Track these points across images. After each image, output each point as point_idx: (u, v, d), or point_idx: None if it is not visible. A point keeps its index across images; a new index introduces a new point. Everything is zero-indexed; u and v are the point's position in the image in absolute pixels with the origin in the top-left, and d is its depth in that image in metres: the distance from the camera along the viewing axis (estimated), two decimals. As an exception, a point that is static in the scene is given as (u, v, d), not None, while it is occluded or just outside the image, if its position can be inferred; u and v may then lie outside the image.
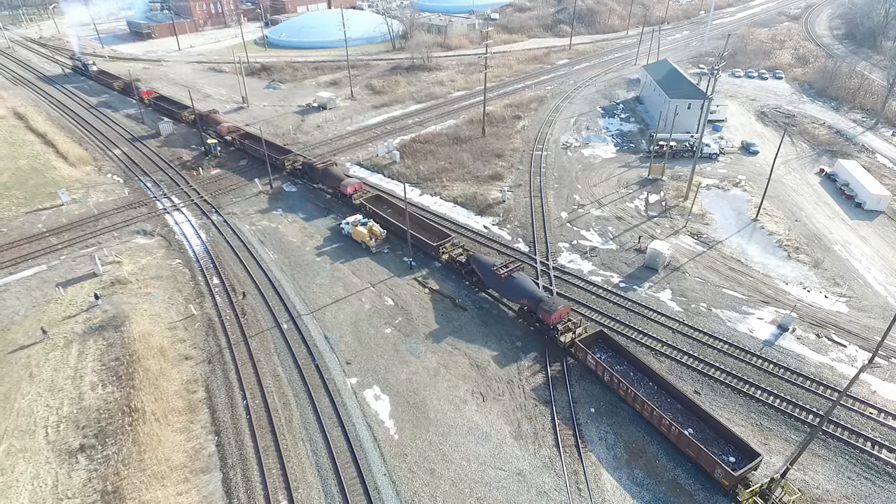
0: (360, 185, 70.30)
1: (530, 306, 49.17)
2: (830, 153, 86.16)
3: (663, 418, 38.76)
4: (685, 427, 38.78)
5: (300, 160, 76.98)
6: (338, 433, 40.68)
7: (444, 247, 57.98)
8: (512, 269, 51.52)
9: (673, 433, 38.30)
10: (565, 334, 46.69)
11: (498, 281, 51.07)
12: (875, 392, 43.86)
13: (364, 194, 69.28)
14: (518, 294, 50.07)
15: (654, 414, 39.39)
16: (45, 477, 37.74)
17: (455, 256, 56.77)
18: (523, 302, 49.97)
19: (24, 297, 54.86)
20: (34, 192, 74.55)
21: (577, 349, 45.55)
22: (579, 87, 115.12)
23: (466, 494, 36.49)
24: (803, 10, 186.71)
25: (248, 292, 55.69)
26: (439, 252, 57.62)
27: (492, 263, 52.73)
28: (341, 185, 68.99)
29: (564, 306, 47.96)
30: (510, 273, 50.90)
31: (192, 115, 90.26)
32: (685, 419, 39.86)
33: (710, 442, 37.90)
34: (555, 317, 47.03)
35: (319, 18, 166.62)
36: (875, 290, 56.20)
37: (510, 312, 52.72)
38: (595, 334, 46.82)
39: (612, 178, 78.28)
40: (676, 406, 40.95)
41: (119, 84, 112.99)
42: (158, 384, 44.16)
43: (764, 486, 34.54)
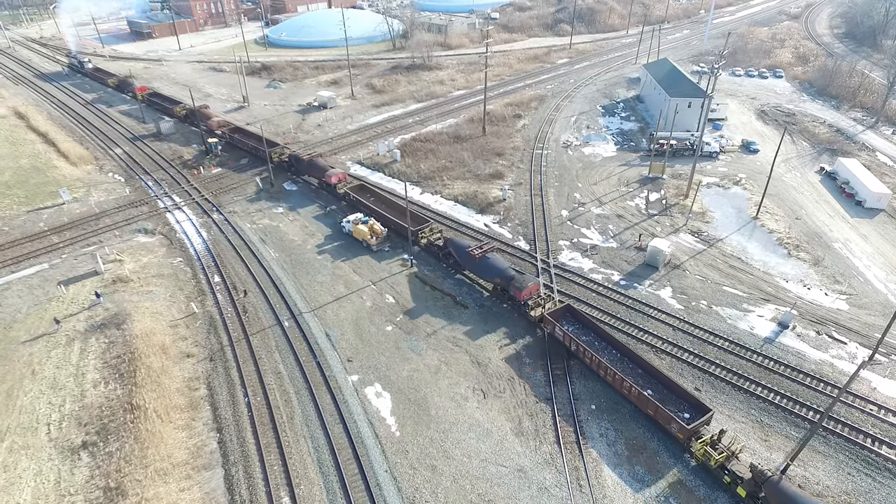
0: (344, 176, 72.70)
1: (503, 284, 51.55)
2: (831, 151, 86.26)
3: (625, 381, 41.35)
4: (645, 389, 41.19)
5: (287, 152, 78.77)
6: (339, 430, 40.79)
7: (423, 232, 60.08)
8: (485, 250, 53.72)
9: (634, 394, 40.90)
10: (535, 309, 49.32)
11: (472, 261, 53.49)
12: (875, 389, 43.96)
13: (347, 184, 71.28)
14: (491, 273, 52.49)
15: (617, 378, 42.00)
16: (48, 474, 37.87)
17: (433, 241, 59.03)
18: (496, 281, 52.30)
19: (25, 295, 54.99)
20: (35, 191, 74.69)
21: (546, 322, 47.75)
22: (580, 86, 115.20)
23: (468, 491, 36.60)
24: (803, 9, 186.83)
25: (250, 290, 55.82)
26: (419, 237, 59.75)
27: (467, 246, 54.94)
28: (326, 176, 71.49)
29: (534, 283, 50.79)
30: (484, 254, 53.23)
31: (184, 111, 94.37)
32: (646, 382, 42.32)
33: (667, 401, 40.48)
34: (525, 293, 49.85)
35: (320, 18, 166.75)
36: (875, 288, 56.29)
37: (485, 293, 54.96)
38: (563, 308, 49.18)
39: (612, 176, 78.37)
40: (637, 371, 43.50)
41: (114, 81, 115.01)
42: (160, 381, 44.28)
43: (714, 437, 37.52)
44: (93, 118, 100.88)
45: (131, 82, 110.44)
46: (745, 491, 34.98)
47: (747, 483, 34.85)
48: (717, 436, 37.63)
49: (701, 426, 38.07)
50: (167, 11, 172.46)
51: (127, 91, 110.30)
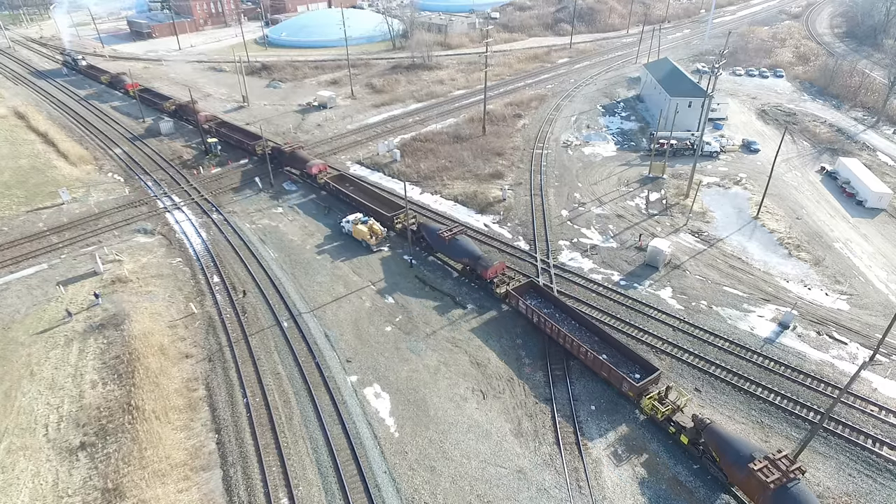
0: (325, 167, 75.29)
1: (471, 264, 54.68)
2: (831, 151, 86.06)
3: (581, 347, 44.34)
4: (601, 354, 44.06)
5: (270, 145, 79.92)
6: (338, 431, 40.66)
7: (398, 217, 63.05)
8: (455, 232, 57.17)
9: (589, 359, 43.96)
10: (501, 286, 52.42)
11: (443, 243, 56.69)
12: (876, 389, 43.79)
13: (327, 174, 73.81)
14: (460, 254, 55.62)
15: (574, 344, 44.93)
16: (46, 475, 37.77)
17: (408, 225, 61.05)
18: (465, 261, 55.38)
19: (24, 295, 54.90)
20: (35, 191, 74.61)
21: (511, 297, 50.82)
22: (580, 86, 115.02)
23: (467, 492, 36.47)
24: (804, 9, 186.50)
25: (249, 290, 55.71)
26: (394, 222, 62.73)
27: (437, 229, 58.12)
28: (307, 167, 74.11)
29: (500, 262, 54.49)
30: (453, 236, 56.54)
31: (174, 106, 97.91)
32: (601, 348, 45.58)
33: (621, 365, 43.62)
34: (491, 272, 53.13)
35: (320, 18, 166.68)
36: (876, 288, 56.12)
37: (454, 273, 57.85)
38: (526, 284, 52.50)
39: (612, 176, 78.21)
40: (594, 338, 46.83)
41: (106, 78, 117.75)
42: (159, 382, 44.18)
43: (661, 393, 40.96)
44: (93, 118, 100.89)
45: (123, 79, 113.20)
46: (687, 438, 38.10)
47: (689, 431, 37.96)
48: (663, 392, 40.93)
49: (649, 384, 41.26)
50: (167, 11, 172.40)
51: (119, 87, 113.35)
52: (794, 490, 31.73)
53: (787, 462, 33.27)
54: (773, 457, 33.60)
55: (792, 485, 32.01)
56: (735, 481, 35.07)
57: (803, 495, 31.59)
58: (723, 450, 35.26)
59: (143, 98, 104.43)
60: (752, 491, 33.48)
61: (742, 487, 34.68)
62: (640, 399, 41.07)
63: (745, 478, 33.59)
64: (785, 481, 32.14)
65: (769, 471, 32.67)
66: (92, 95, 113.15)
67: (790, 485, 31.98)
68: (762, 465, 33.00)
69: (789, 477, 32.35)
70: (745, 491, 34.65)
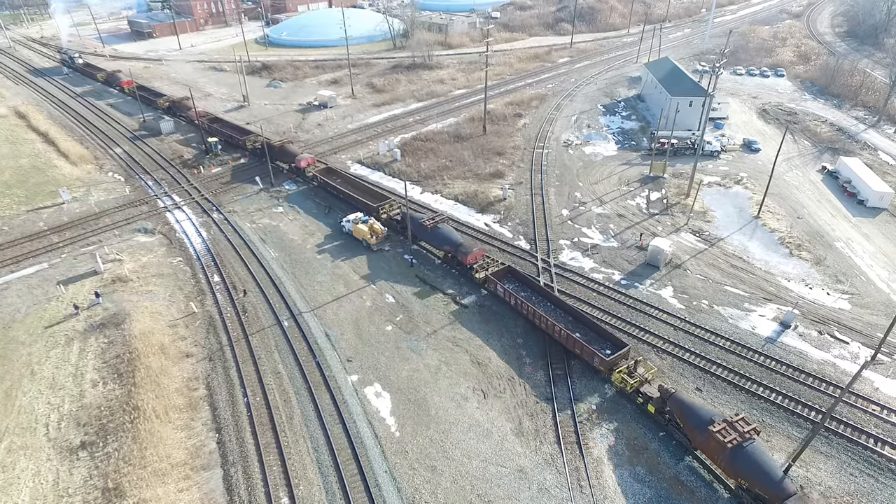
0: (313, 160, 77.43)
1: (451, 251, 56.56)
2: (832, 150, 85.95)
3: (556, 326, 46.31)
4: (574, 332, 46.13)
5: (260, 140, 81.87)
6: (339, 430, 40.61)
7: (384, 207, 64.99)
8: (437, 221, 59.28)
9: (563, 336, 45.86)
10: (480, 272, 54.17)
11: (425, 231, 58.70)
12: (878, 389, 43.71)
13: (315, 168, 76.03)
14: (441, 241, 57.67)
15: (549, 324, 46.91)
16: (47, 474, 37.75)
17: (392, 216, 63.80)
18: (446, 248, 57.25)
19: (25, 295, 54.88)
20: (35, 190, 74.60)
21: (489, 282, 53.02)
22: (580, 85, 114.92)
23: (467, 491, 36.42)
24: (805, 8, 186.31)
25: (249, 290, 55.67)
26: (379, 212, 64.40)
27: (421, 218, 60.09)
28: (296, 160, 76.24)
29: (479, 249, 56.74)
30: (435, 224, 58.63)
31: (167, 102, 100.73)
32: (575, 327, 47.66)
33: (593, 342, 45.50)
34: (470, 258, 55.09)
35: (320, 17, 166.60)
36: (878, 287, 56.02)
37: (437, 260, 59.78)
38: (504, 269, 54.59)
39: (613, 175, 78.13)
40: (568, 318, 48.95)
41: (102, 75, 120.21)
42: (159, 381, 44.14)
43: (630, 367, 42.77)
44: (92, 117, 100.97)
45: (118, 76, 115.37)
46: (654, 407, 40.35)
47: (656, 401, 40.22)
48: (632, 366, 42.92)
49: (618, 359, 43.18)
50: (168, 11, 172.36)
51: (114, 85, 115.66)
52: (749, 448, 34.43)
53: (744, 424, 35.86)
54: (730, 419, 36.13)
55: (747, 444, 34.64)
56: (697, 444, 37.49)
57: (757, 452, 34.34)
58: (686, 415, 37.64)
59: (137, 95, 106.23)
60: (712, 452, 36.05)
61: (703, 449, 37.13)
62: (610, 373, 42.97)
63: (705, 440, 36.07)
64: (741, 441, 34.71)
65: (727, 432, 35.31)
66: (88, 93, 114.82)
67: (745, 444, 34.63)
68: (721, 427, 35.57)
69: (745, 437, 34.90)
70: (705, 452, 37.09)
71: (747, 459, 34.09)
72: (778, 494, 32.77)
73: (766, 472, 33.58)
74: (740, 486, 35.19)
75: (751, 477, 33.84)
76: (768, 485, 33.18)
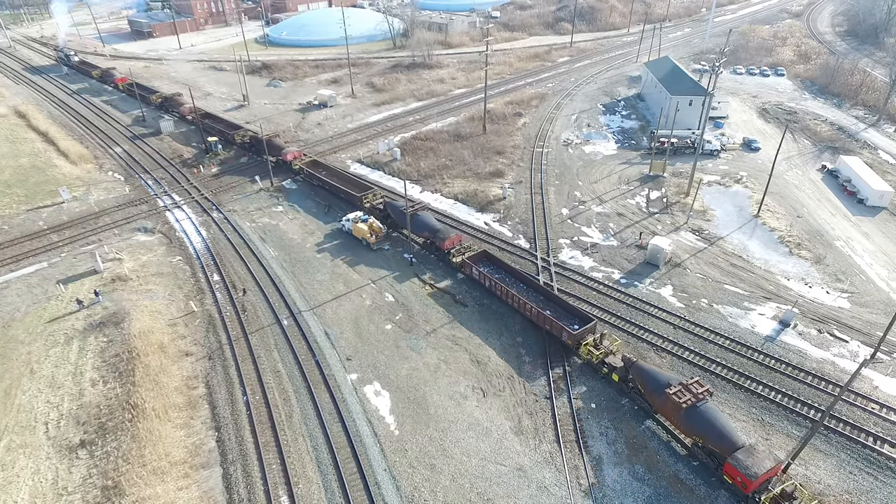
0: (299, 153, 79.57)
1: (430, 237, 58.90)
2: (832, 149, 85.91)
3: (527, 304, 48.88)
4: (545, 310, 48.49)
5: (249, 134, 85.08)
6: (338, 429, 40.61)
7: (367, 197, 67.27)
8: (416, 208, 61.66)
9: (534, 314, 48.45)
10: (457, 256, 56.31)
11: (405, 218, 60.18)
12: (877, 387, 43.67)
13: (302, 161, 77.85)
14: (421, 228, 59.90)
15: (521, 302, 49.57)
16: (46, 472, 37.76)
17: (375, 204, 66.04)
18: (425, 235, 59.62)
19: (24, 294, 54.91)
20: (35, 189, 74.63)
21: (465, 265, 55.36)
22: (580, 85, 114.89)
23: (467, 490, 36.41)
24: (805, 7, 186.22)
25: (249, 289, 55.68)
26: (362, 201, 66.80)
27: (402, 206, 61.45)
28: (282, 154, 78.42)
29: (456, 234, 59.36)
30: (415, 211, 60.86)
31: (160, 99, 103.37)
32: (545, 305, 50.09)
33: (562, 318, 47.83)
34: (447, 243, 57.39)
35: (320, 17, 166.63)
36: (877, 286, 55.99)
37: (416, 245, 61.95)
38: (480, 253, 56.87)
39: (613, 174, 78.11)
40: (539, 297, 51.41)
41: (97, 73, 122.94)
42: (159, 380, 44.15)
43: (596, 340, 45.19)
44: (88, 114, 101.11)
45: (113, 74, 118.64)
46: (618, 376, 42.81)
47: (619, 370, 42.62)
48: (598, 339, 45.23)
49: (585, 333, 45.51)
50: (168, 11, 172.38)
51: (109, 82, 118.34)
52: (703, 408, 37.07)
53: (698, 386, 38.40)
54: (686, 383, 38.64)
55: (700, 404, 37.28)
56: (656, 407, 39.96)
57: (710, 411, 36.98)
58: (645, 381, 40.18)
59: (130, 91, 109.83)
60: (669, 413, 38.46)
61: (661, 412, 39.62)
62: (578, 347, 45.23)
63: (663, 402, 38.64)
64: (695, 401, 37.22)
65: (682, 394, 37.77)
66: (84, 90, 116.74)
67: (699, 404, 37.23)
68: (676, 389, 38.10)
69: (699, 398, 37.46)
70: (664, 414, 39.48)
71: (700, 418, 36.65)
72: (728, 448, 35.31)
73: (717, 429, 36.06)
74: (696, 443, 37.85)
75: (704, 434, 36.38)
76: (719, 440, 35.74)
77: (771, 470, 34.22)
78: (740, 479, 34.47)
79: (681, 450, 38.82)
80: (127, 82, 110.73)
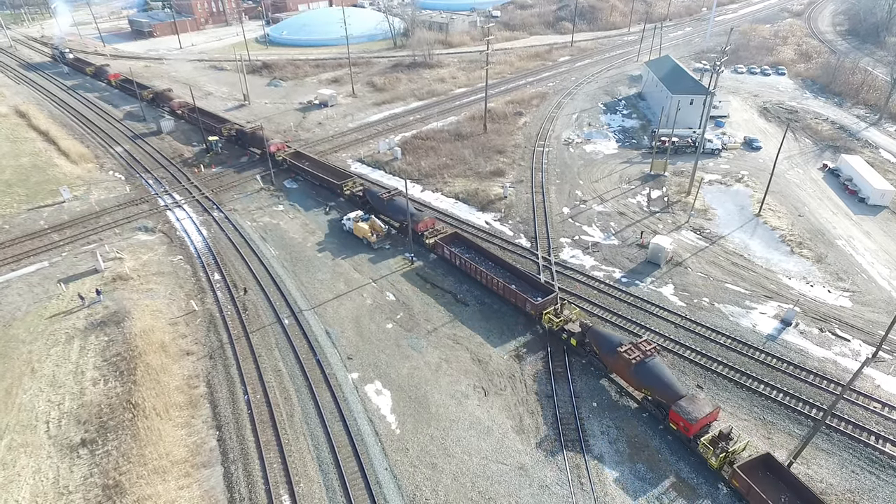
0: (283, 145, 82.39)
1: (405, 221, 60.86)
2: (834, 149, 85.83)
3: (494, 279, 52.10)
4: (510, 284, 51.50)
5: (235, 127, 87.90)
6: (339, 428, 40.58)
7: (347, 184, 69.93)
8: (392, 194, 64.87)
9: (501, 288, 51.67)
10: (430, 238, 58.99)
11: (383, 204, 63.89)
12: (879, 386, 43.63)
13: (285, 152, 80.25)
14: (396, 212, 62.95)
15: (488, 278, 52.74)
16: (47, 471, 37.75)
17: (355, 192, 68.79)
18: (400, 218, 62.30)
19: (25, 293, 54.90)
20: (36, 189, 74.62)
21: (437, 246, 58.22)
22: (581, 84, 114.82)
23: (468, 488, 36.37)
24: (806, 7, 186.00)
25: (250, 288, 55.64)
26: (342, 189, 69.37)
27: (379, 192, 65.53)
28: (266, 145, 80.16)
29: (430, 218, 62.26)
30: (391, 197, 64.10)
31: (151, 94, 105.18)
32: (511, 280, 52.97)
33: (526, 291, 50.84)
34: (421, 225, 60.10)
35: (321, 16, 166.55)
36: (879, 285, 55.92)
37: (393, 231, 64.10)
38: (451, 234, 59.68)
39: (613, 173, 78.04)
40: (507, 274, 54.30)
41: (91, 69, 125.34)
42: (160, 379, 44.13)
43: (556, 310, 48.20)
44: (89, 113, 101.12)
45: (106, 70, 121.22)
46: (576, 341, 45.74)
47: (577, 335, 45.61)
48: (559, 309, 48.45)
49: (546, 304, 48.57)
50: (168, 10, 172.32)
51: (102, 78, 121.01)
52: (650, 363, 40.38)
53: (646, 344, 41.70)
54: (635, 342, 41.83)
55: (648, 359, 40.49)
56: (610, 366, 43.20)
57: (656, 366, 40.29)
58: (600, 343, 43.23)
59: (123, 87, 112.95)
60: (621, 370, 41.70)
61: (614, 369, 42.91)
62: (540, 316, 48.07)
63: (615, 361, 41.78)
64: (643, 357, 40.53)
65: (631, 351, 40.99)
66: (78, 86, 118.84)
67: (647, 359, 40.47)
68: (627, 347, 41.32)
69: (647, 354, 40.79)
70: (616, 371, 42.85)
71: (648, 372, 39.97)
72: (672, 397, 38.69)
73: (662, 381, 39.47)
74: (646, 397, 41.17)
75: (651, 387, 39.81)
76: (664, 391, 39.18)
77: (709, 414, 37.62)
78: (682, 424, 37.68)
79: (632, 404, 42.30)
80: (120, 78, 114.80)
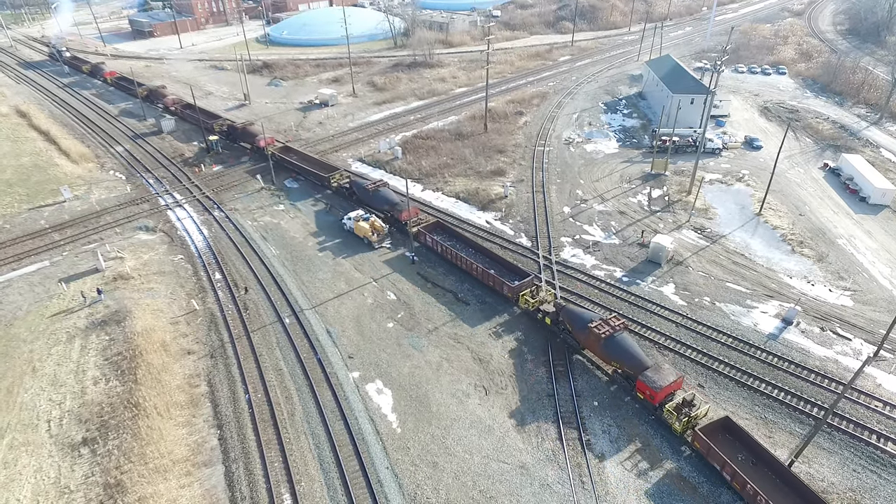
0: (272, 140, 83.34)
1: (390, 211, 63.22)
2: (834, 148, 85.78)
3: (473, 264, 54.25)
4: (489, 269, 53.38)
5: (226, 123, 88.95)
6: (340, 427, 40.58)
7: (334, 177, 71.69)
8: (377, 185, 66.55)
9: (479, 272, 53.79)
10: (414, 226, 60.48)
11: (368, 194, 65.67)
12: (880, 385, 43.61)
13: (275, 147, 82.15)
14: (381, 203, 64.45)
15: (468, 263, 54.77)
16: (48, 470, 37.76)
17: (342, 184, 70.54)
18: (385, 209, 63.83)
19: (26, 292, 54.91)
20: (37, 188, 74.64)
21: (420, 234, 59.89)
22: (581, 84, 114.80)
23: (469, 487, 36.36)
24: (806, 6, 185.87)
25: (251, 287, 55.64)
26: (330, 181, 71.17)
27: (364, 183, 67.38)
28: (256, 140, 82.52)
29: (413, 207, 63.09)
30: (376, 188, 65.85)
31: (146, 91, 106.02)
32: (490, 265, 54.80)
33: (504, 275, 52.80)
34: (405, 215, 61.33)
35: (321, 16, 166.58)
36: (880, 284, 55.89)
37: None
38: (433, 223, 61.64)
39: (614, 173, 78.02)
40: (486, 259, 56.24)
41: (87, 67, 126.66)
42: (161, 378, 44.14)
43: (533, 291, 50.62)
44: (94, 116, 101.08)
45: (101, 68, 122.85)
46: (550, 320, 47.66)
47: (552, 315, 47.53)
48: (534, 291, 50.69)
49: (522, 287, 50.46)
50: (168, 10, 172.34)
51: (98, 76, 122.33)
52: (619, 337, 42.23)
53: (615, 320, 43.63)
54: (605, 318, 43.81)
55: (617, 334, 42.32)
56: (582, 343, 44.75)
57: (624, 340, 42.17)
58: (572, 320, 44.92)
59: (118, 85, 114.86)
60: (592, 345, 43.42)
61: (586, 345, 44.47)
62: (517, 299, 50.24)
63: (586, 336, 43.45)
64: (612, 332, 42.23)
65: (601, 327, 42.76)
66: (74, 83, 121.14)
67: (615, 334, 42.28)
68: (597, 323, 43.07)
69: (615, 329, 42.54)
70: (587, 347, 44.45)
71: (616, 346, 41.75)
72: (638, 368, 40.46)
73: (630, 354, 41.29)
74: (616, 370, 43.15)
75: (619, 360, 41.57)
76: (631, 362, 40.98)
77: (673, 383, 39.46)
78: (648, 393, 39.44)
79: (602, 376, 44.55)
80: (115, 76, 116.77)
